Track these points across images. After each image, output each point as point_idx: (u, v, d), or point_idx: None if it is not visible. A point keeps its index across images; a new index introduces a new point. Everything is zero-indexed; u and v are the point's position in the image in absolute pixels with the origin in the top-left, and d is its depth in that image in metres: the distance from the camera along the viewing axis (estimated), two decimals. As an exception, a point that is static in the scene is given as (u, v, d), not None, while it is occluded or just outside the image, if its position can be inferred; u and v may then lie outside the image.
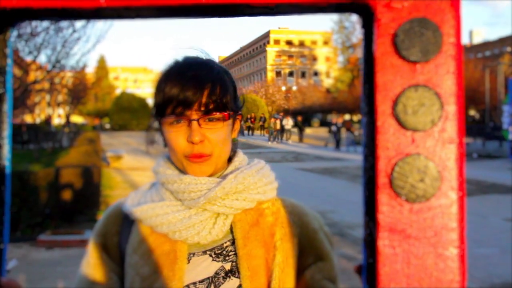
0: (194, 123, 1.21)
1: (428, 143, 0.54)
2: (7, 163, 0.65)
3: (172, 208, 1.25)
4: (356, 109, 57.46)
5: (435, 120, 0.54)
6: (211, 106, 1.21)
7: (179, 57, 1.31)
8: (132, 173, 16.79)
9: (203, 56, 1.33)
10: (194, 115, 1.21)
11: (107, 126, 55.10)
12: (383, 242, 0.54)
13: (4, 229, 0.65)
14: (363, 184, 0.58)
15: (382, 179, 0.54)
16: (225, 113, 1.24)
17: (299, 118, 36.09)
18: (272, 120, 33.45)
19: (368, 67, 0.56)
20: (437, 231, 0.54)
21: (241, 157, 1.35)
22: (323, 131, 35.90)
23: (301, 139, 33.06)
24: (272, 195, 1.33)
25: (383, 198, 0.54)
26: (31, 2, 0.56)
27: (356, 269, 0.74)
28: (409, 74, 0.55)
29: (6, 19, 0.61)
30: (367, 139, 0.57)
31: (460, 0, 0.55)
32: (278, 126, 33.69)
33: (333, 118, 32.14)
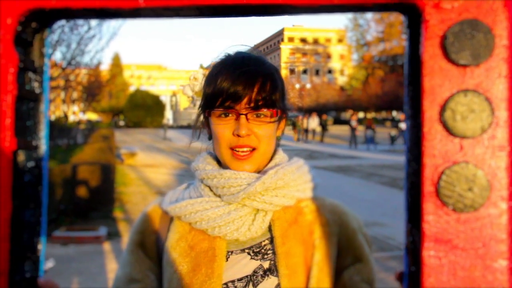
0: (242, 117, 1.22)
1: (477, 151, 0.52)
2: (44, 163, 0.64)
3: (211, 204, 1.25)
4: (370, 107, 57.28)
5: (485, 126, 0.52)
6: (260, 102, 1.22)
7: (231, 51, 1.32)
8: (146, 170, 16.86)
9: (254, 53, 1.34)
10: (243, 109, 1.22)
11: (121, 123, 55.43)
12: (429, 253, 0.52)
13: (41, 229, 0.65)
14: (405, 190, 0.56)
15: (428, 187, 0.52)
16: (273, 110, 1.24)
17: (324, 117, 35.56)
18: (299, 118, 33.00)
19: (413, 68, 0.54)
20: (486, 242, 0.52)
21: (281, 154, 1.35)
22: (336, 129, 35.48)
23: (322, 139, 32.60)
24: (311, 194, 1.32)
25: (429, 207, 0.52)
26: (70, 2, 0.55)
27: (397, 276, 0.72)
28: (458, 79, 0.52)
29: (44, 19, 0.60)
30: (410, 144, 0.55)
31: None
32: (305, 125, 33.10)
33: (352, 115, 31.86)
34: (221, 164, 1.30)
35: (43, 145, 0.65)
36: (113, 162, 12.56)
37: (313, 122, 34.08)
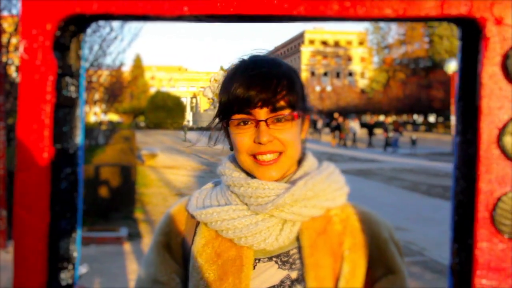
0: (262, 124, 1.17)
1: None
2: (79, 169, 0.63)
3: (238, 213, 1.22)
4: (391, 110, 56.81)
5: None
6: (278, 104, 1.17)
7: (245, 56, 1.27)
8: (166, 171, 16.93)
9: (271, 56, 1.28)
10: (262, 115, 1.17)
11: (142, 124, 55.74)
12: (481, 281, 0.50)
13: (77, 236, 0.64)
14: (452, 208, 0.54)
15: (482, 213, 0.50)
16: (294, 112, 1.19)
17: (372, 121, 34.08)
18: (346, 122, 32.06)
19: (465, 84, 0.52)
20: (542, 270, 0.50)
21: (310, 160, 1.30)
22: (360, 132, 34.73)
23: (370, 144, 31.31)
24: (342, 201, 1.28)
25: (483, 233, 0.50)
26: (112, 8, 0.54)
27: None
28: None
29: (83, 22, 0.59)
30: (459, 161, 0.53)
31: None
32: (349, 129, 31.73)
33: (387, 119, 31.11)
34: (246, 171, 1.25)
35: (79, 151, 0.64)
36: (134, 163, 12.64)
37: (356, 126, 32.69)
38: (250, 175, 1.24)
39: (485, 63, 0.49)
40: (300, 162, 1.29)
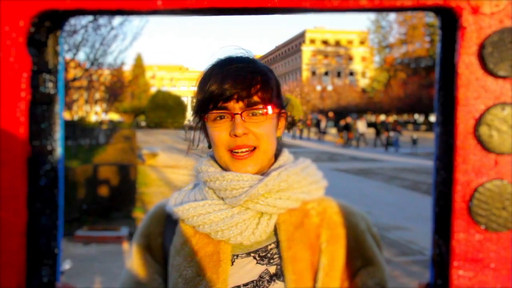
0: (237, 117, 1.20)
1: None
2: (60, 165, 0.63)
3: (214, 207, 1.23)
4: (392, 110, 56.75)
5: None
6: (252, 99, 1.20)
7: (222, 55, 1.30)
8: (167, 170, 16.94)
9: (246, 54, 1.31)
10: (237, 108, 1.20)
11: (143, 123, 55.81)
12: (458, 271, 0.50)
13: (58, 233, 0.64)
14: (433, 199, 0.54)
15: (459, 204, 0.49)
16: (267, 106, 1.22)
17: (378, 120, 33.72)
18: (355, 122, 31.64)
19: (445, 73, 0.51)
20: (519, 262, 0.50)
21: (286, 155, 1.32)
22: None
23: (379, 143, 30.98)
24: (318, 194, 1.29)
25: (460, 224, 0.49)
26: (84, 3, 0.54)
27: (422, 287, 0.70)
28: (496, 91, 0.49)
29: (58, 18, 0.59)
30: (439, 152, 0.53)
31: None
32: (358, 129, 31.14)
33: (388, 118, 30.90)
34: (223, 166, 1.28)
35: (58, 147, 0.64)
36: (134, 162, 12.65)
37: (362, 126, 32.34)
38: (225, 170, 1.26)
39: (461, 52, 0.49)
40: (276, 157, 1.31)
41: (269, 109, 1.22)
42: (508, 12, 0.49)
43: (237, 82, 1.19)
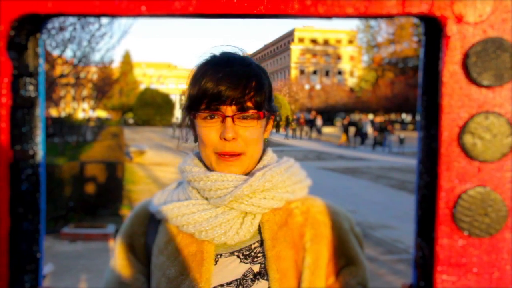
0: (228, 120, 1.19)
1: (497, 176, 0.50)
2: (41, 169, 0.63)
3: (198, 207, 1.23)
4: (379, 109, 57.04)
5: (505, 151, 0.50)
6: (246, 104, 1.20)
7: (217, 52, 1.29)
8: (154, 168, 16.89)
9: (240, 53, 1.31)
10: (229, 111, 1.20)
11: (131, 121, 55.60)
12: (441, 276, 0.51)
13: (40, 237, 0.64)
14: (416, 202, 0.55)
15: (443, 210, 0.50)
16: (260, 111, 1.22)
17: (381, 119, 33.37)
18: (360, 121, 31.39)
19: (428, 78, 0.52)
20: (501, 267, 0.50)
21: (270, 155, 1.32)
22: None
23: (383, 143, 30.74)
24: (302, 194, 1.30)
25: (444, 230, 0.50)
26: (66, 8, 0.54)
27: None
28: (480, 100, 0.50)
29: (38, 21, 0.58)
30: (422, 156, 0.53)
31: None
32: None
33: (376, 118, 30.79)
34: (208, 166, 1.27)
35: (40, 151, 0.63)
36: (122, 160, 12.59)
37: (367, 126, 32.17)
38: (210, 170, 1.26)
39: (446, 61, 0.49)
40: (260, 158, 1.31)
41: (261, 114, 1.22)
42: (491, 22, 0.49)
43: (232, 86, 1.18)
